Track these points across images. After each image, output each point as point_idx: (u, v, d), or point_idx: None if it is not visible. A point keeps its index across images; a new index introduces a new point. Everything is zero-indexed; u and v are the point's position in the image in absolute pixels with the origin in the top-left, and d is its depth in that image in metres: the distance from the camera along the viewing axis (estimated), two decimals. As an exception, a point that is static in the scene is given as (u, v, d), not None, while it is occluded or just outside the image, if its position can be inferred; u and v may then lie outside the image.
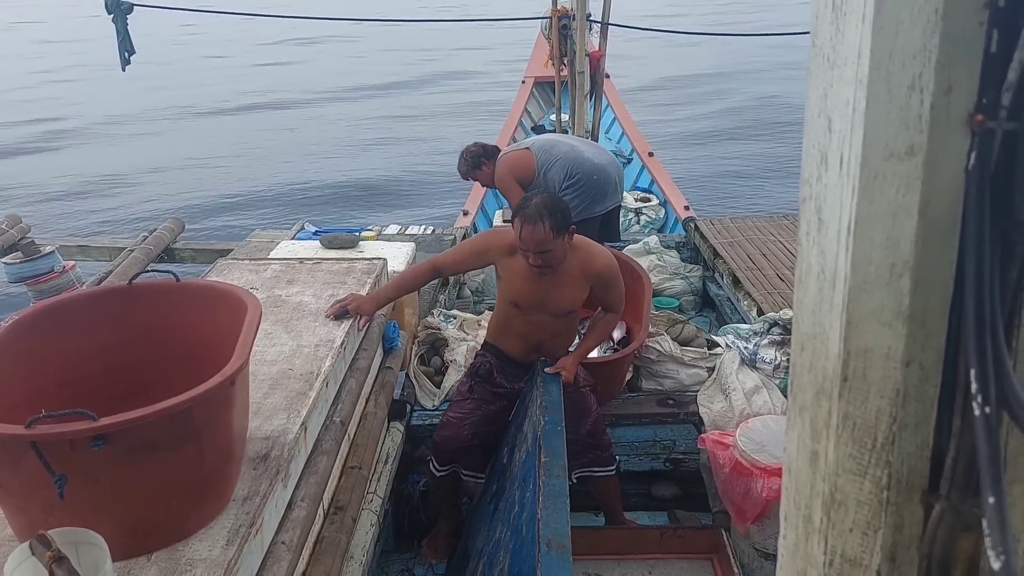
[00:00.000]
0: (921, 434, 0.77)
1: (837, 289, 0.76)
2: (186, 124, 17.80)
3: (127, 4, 6.46)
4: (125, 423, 1.71)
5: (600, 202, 5.45)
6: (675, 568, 3.66)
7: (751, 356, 4.18)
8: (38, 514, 1.80)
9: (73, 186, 13.10)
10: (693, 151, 13.53)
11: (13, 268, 5.17)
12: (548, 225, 3.26)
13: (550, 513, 2.39)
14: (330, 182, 12.89)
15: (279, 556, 2.14)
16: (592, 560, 3.70)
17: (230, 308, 2.27)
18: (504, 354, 3.68)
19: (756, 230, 6.43)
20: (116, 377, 2.30)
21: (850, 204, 0.73)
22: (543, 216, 3.26)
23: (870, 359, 0.76)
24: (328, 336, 3.08)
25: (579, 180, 5.31)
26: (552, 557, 2.18)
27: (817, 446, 0.83)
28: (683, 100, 17.85)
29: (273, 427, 2.46)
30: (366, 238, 4.63)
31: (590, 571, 3.64)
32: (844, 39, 0.71)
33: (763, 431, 3.68)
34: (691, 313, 5.88)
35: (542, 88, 10.28)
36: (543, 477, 2.59)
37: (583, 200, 5.31)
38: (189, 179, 13.39)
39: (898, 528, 0.80)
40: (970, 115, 0.67)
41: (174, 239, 6.09)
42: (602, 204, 5.47)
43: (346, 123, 17.33)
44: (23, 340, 2.13)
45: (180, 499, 1.95)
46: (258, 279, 3.63)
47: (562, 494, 2.50)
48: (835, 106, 0.74)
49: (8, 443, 1.71)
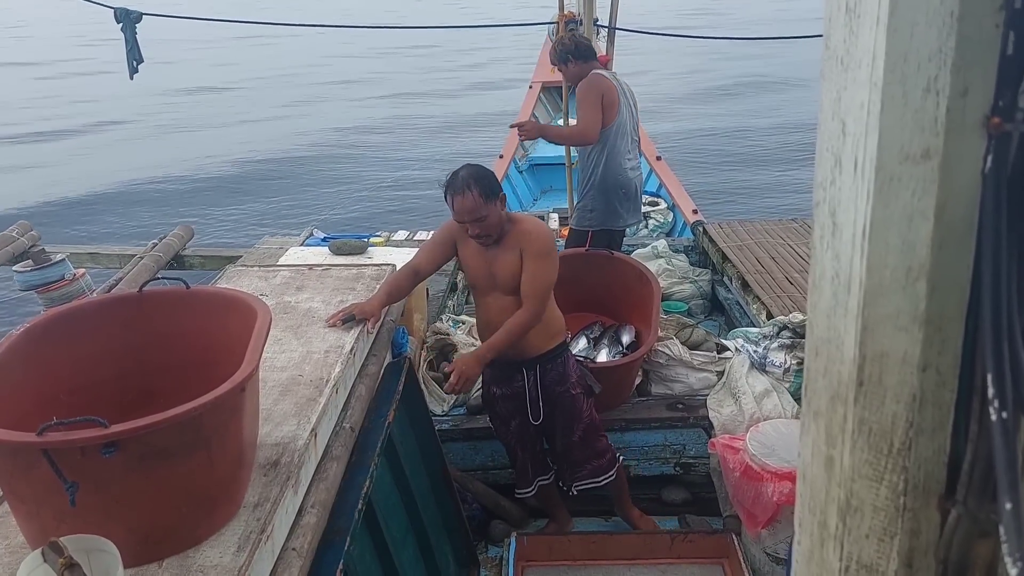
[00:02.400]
0: (938, 439, 0.76)
1: (852, 293, 0.76)
2: (194, 130, 17.86)
3: (136, 13, 6.49)
4: (136, 430, 1.72)
5: (616, 216, 5.12)
6: (686, 572, 3.65)
7: (761, 360, 4.17)
8: (50, 521, 1.80)
9: (83, 193, 13.16)
10: (702, 154, 13.52)
11: (24, 276, 5.18)
12: (476, 192, 3.32)
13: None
14: (338, 188, 12.92)
15: (290, 562, 2.14)
16: (603, 565, 3.69)
17: (240, 315, 2.27)
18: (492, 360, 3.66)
19: (765, 233, 6.42)
20: (126, 384, 2.30)
21: (865, 208, 0.72)
22: (470, 185, 3.33)
23: (886, 364, 0.75)
24: (338, 342, 3.08)
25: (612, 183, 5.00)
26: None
27: (832, 451, 0.82)
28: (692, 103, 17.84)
29: (283, 433, 2.46)
30: (375, 244, 4.63)
31: None
32: (858, 41, 0.71)
33: (773, 435, 3.67)
34: (700, 317, 5.87)
35: (549, 93, 10.29)
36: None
37: (604, 202, 5.03)
38: (198, 185, 13.43)
39: (915, 534, 0.79)
40: (986, 118, 0.66)
41: (183, 246, 6.09)
42: (616, 219, 5.14)
43: (354, 130, 17.37)
44: (34, 348, 2.14)
45: (191, 506, 1.95)
46: (267, 286, 3.63)
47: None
48: (849, 109, 0.73)
49: (20, 451, 1.72)
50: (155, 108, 19.82)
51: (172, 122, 18.67)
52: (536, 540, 3.82)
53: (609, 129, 4.89)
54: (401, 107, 19.54)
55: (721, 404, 4.10)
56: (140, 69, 6.71)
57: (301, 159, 14.98)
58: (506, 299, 3.52)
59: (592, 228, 5.05)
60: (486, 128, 15.80)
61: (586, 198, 5.07)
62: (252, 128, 17.93)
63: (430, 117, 18.30)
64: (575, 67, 5.04)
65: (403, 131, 16.97)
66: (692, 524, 4.12)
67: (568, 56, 5.04)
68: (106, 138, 17.39)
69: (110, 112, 19.89)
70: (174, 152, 15.92)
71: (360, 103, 20.35)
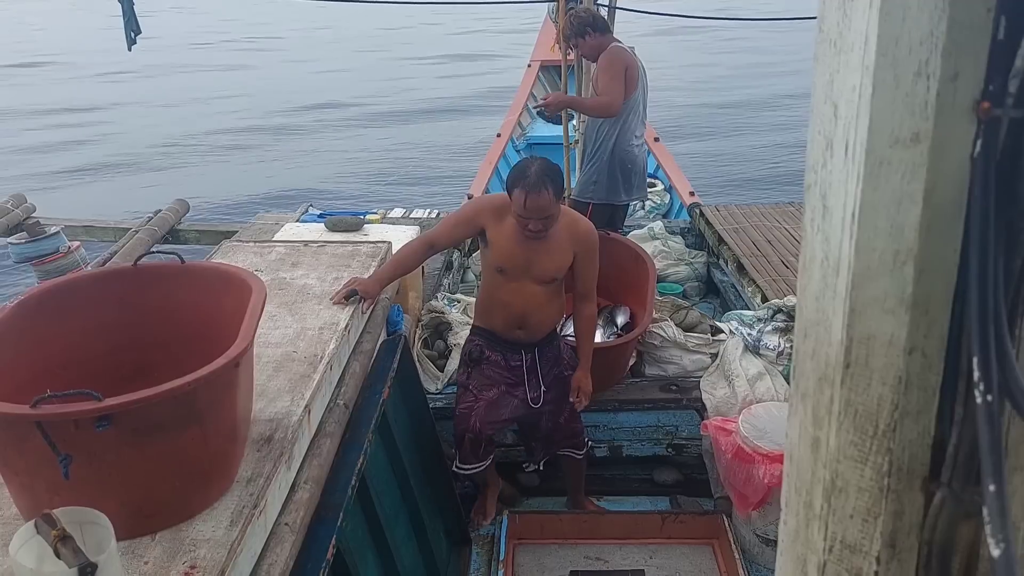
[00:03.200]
0: (923, 422, 0.77)
1: (841, 276, 0.76)
2: (192, 105, 17.77)
3: (132, -16, 6.43)
4: (129, 404, 1.72)
5: (616, 192, 5.11)
6: (676, 552, 3.68)
7: (755, 343, 4.18)
8: (43, 493, 1.81)
9: (79, 166, 13.10)
10: (700, 136, 13.49)
11: (18, 248, 5.18)
12: (551, 191, 3.28)
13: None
14: (335, 164, 12.88)
15: (282, 537, 2.15)
16: (594, 544, 3.72)
17: (235, 290, 2.27)
18: (491, 332, 3.66)
19: (761, 216, 6.42)
20: (121, 358, 2.30)
21: (855, 191, 0.72)
22: (546, 183, 3.26)
23: (872, 346, 0.76)
24: (332, 319, 3.08)
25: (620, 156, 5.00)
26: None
27: (819, 433, 0.83)
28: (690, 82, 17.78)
29: (277, 409, 2.46)
30: (371, 221, 4.63)
31: (591, 555, 3.66)
32: (851, 25, 0.71)
33: (766, 417, 3.69)
34: (695, 299, 5.88)
35: (548, 72, 10.24)
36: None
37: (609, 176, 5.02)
38: (195, 160, 13.38)
39: (898, 515, 0.80)
40: (976, 102, 0.66)
41: (179, 220, 6.09)
42: (616, 195, 5.14)
43: (351, 106, 17.29)
44: (28, 321, 2.14)
45: (184, 480, 1.96)
46: (263, 261, 3.63)
47: None
48: (841, 92, 0.73)
49: (13, 423, 1.72)
50: (151, 81, 19.70)
51: (167, 96, 18.57)
52: (528, 518, 3.84)
53: (627, 103, 4.87)
54: (399, 84, 19.45)
55: (714, 386, 4.12)
56: (138, 40, 6.66)
57: (298, 134, 14.92)
58: (537, 288, 3.51)
59: (593, 201, 5.04)
60: (484, 105, 15.74)
61: (591, 170, 5.05)
62: (249, 102, 17.85)
63: (428, 94, 18.22)
64: (594, 40, 4.95)
65: (400, 108, 16.89)
66: (683, 505, 4.15)
67: (586, 28, 4.94)
68: (103, 111, 17.30)
69: (106, 85, 19.78)
70: (170, 126, 15.85)
71: (358, 79, 20.26)
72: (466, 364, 3.73)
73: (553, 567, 3.63)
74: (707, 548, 3.71)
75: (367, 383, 3.14)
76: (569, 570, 3.58)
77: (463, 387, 3.72)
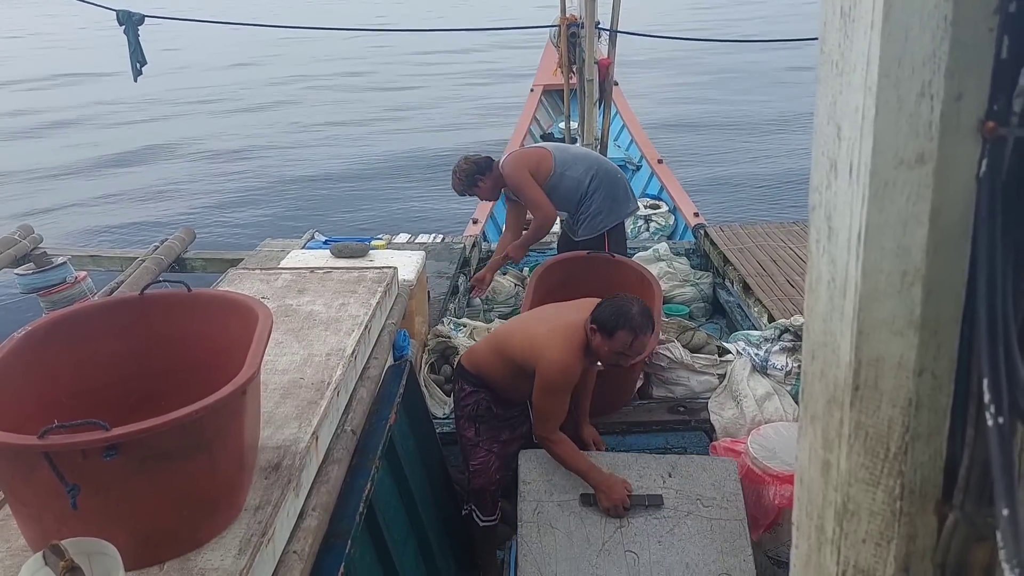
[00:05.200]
0: (934, 444, 0.76)
1: (848, 297, 0.76)
2: (194, 132, 17.88)
3: (138, 16, 6.52)
4: (137, 433, 1.72)
5: (624, 204, 5.22)
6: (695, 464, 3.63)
7: (762, 363, 4.17)
8: (51, 524, 1.81)
9: (85, 197, 13.17)
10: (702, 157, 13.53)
11: (25, 279, 5.19)
12: (653, 333, 3.40)
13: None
14: (340, 191, 12.93)
15: (291, 565, 2.14)
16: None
17: (241, 318, 2.27)
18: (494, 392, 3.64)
19: (766, 236, 6.42)
20: (128, 387, 2.31)
21: (860, 212, 0.72)
22: (650, 326, 3.33)
23: (882, 368, 0.75)
24: (339, 345, 3.08)
25: (603, 178, 5.10)
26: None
27: (829, 455, 0.82)
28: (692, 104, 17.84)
29: (284, 436, 2.46)
30: (376, 247, 4.63)
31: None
32: (853, 46, 0.71)
33: (775, 438, 3.67)
34: (701, 320, 5.86)
35: (551, 96, 10.30)
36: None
37: (609, 198, 5.11)
38: (200, 189, 13.45)
39: (911, 539, 0.79)
40: (981, 122, 0.66)
41: (185, 249, 6.11)
42: (625, 207, 5.24)
43: (355, 132, 17.38)
44: (35, 351, 2.14)
45: (192, 509, 1.96)
46: (269, 288, 3.63)
47: None
48: (844, 113, 0.73)
49: (21, 454, 1.72)
50: (153, 111, 19.84)
51: (172, 125, 18.69)
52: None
53: (552, 178, 5.00)
54: (402, 110, 19.55)
55: (722, 407, 4.10)
56: (144, 71, 6.73)
57: (303, 162, 14.99)
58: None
59: (605, 229, 5.10)
60: (487, 130, 15.80)
61: (591, 211, 5.09)
62: (252, 130, 17.95)
63: (431, 119, 18.30)
64: (487, 181, 5.07)
65: (405, 134, 16.97)
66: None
67: (475, 178, 5.06)
68: (109, 142, 17.41)
69: (110, 116, 19.92)
70: (175, 155, 15.94)
71: (360, 106, 20.36)
72: (472, 420, 3.65)
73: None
74: (731, 461, 3.63)
75: (374, 409, 3.14)
76: (579, 492, 3.46)
77: (473, 444, 3.66)
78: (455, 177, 5.12)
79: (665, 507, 3.42)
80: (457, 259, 5.87)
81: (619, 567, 3.27)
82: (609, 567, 3.27)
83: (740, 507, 3.43)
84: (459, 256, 5.93)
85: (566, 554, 3.31)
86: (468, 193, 5.22)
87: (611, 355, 3.33)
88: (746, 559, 3.30)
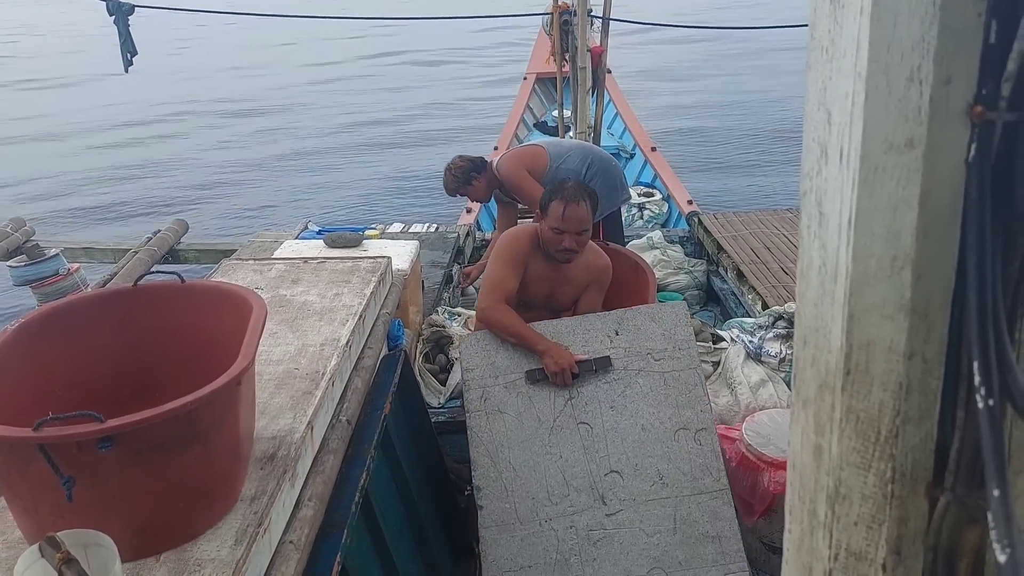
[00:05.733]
0: (925, 427, 0.77)
1: (839, 282, 0.76)
2: (189, 125, 17.82)
3: (128, 5, 6.47)
4: (132, 424, 1.72)
5: (619, 191, 5.22)
6: (643, 315, 3.58)
7: (756, 350, 4.18)
8: (47, 516, 1.81)
9: (77, 188, 13.13)
10: (696, 144, 13.52)
11: (18, 271, 5.17)
12: (588, 205, 3.35)
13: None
14: (333, 181, 12.90)
15: (287, 556, 2.15)
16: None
17: (235, 308, 2.27)
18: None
19: (760, 224, 6.43)
20: (122, 379, 2.30)
21: (850, 197, 0.72)
22: (583, 195, 3.34)
23: (872, 352, 0.76)
24: (333, 335, 3.08)
25: (600, 166, 5.09)
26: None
27: (821, 440, 0.83)
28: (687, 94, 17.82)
29: (279, 427, 2.46)
30: (370, 237, 4.63)
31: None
32: (842, 32, 0.71)
33: (769, 425, 3.69)
34: (696, 308, 5.88)
35: (544, 84, 10.30)
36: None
37: (607, 187, 5.05)
38: (193, 179, 13.41)
39: (903, 522, 0.80)
40: (970, 106, 0.67)
41: (178, 240, 6.09)
42: (620, 195, 5.25)
43: (349, 122, 17.33)
44: (29, 343, 2.14)
45: (188, 500, 1.96)
46: (263, 279, 3.63)
47: None
48: (834, 99, 0.74)
49: (16, 446, 1.72)
50: (148, 103, 19.75)
51: (165, 116, 18.62)
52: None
53: (548, 173, 4.95)
54: (396, 99, 19.49)
55: (717, 394, 4.11)
56: (135, 62, 6.69)
57: (296, 152, 14.95)
58: (546, 315, 3.54)
59: (600, 217, 5.11)
60: (481, 119, 15.78)
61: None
62: (246, 121, 17.89)
63: (425, 109, 18.26)
64: (481, 180, 5.06)
65: (398, 123, 16.92)
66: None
67: (470, 176, 5.04)
68: (102, 133, 17.34)
69: (104, 107, 19.83)
70: (168, 146, 15.88)
71: (354, 95, 20.30)
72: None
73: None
74: (681, 303, 3.54)
75: (369, 398, 3.14)
76: (525, 369, 3.34)
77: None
78: (449, 174, 5.10)
79: (614, 368, 3.29)
80: (451, 248, 5.87)
81: (573, 442, 3.18)
82: (563, 444, 3.18)
83: (693, 355, 3.32)
84: (453, 245, 5.94)
85: (518, 437, 3.22)
86: (460, 192, 5.19)
87: (550, 234, 3.37)
88: (703, 409, 3.23)
